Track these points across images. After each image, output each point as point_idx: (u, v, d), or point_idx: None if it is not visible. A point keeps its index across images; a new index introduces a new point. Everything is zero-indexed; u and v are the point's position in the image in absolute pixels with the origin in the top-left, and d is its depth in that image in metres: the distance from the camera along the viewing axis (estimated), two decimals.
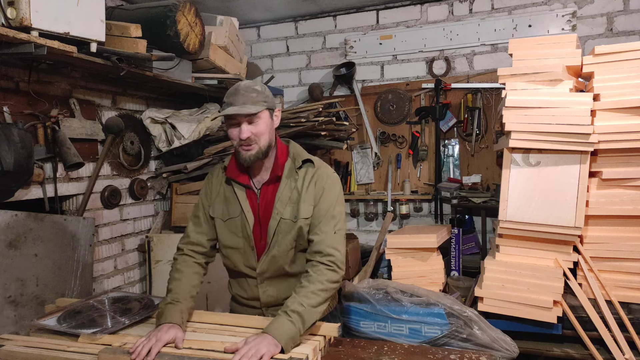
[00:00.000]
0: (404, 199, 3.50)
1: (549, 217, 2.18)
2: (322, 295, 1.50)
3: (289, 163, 1.66)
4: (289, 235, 1.61)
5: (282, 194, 1.62)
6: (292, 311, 1.44)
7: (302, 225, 1.60)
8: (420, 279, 2.66)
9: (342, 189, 1.71)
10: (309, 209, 1.61)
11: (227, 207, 1.68)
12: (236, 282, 1.77)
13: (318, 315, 1.50)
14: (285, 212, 1.61)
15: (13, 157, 1.95)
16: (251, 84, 1.58)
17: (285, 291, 1.63)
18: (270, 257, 1.64)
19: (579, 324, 2.15)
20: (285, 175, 1.64)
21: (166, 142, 3.07)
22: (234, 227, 1.67)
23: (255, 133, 1.55)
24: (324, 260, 1.55)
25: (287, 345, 1.39)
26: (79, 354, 1.43)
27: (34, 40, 1.82)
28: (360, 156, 3.67)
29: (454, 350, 1.61)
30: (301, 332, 1.44)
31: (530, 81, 2.25)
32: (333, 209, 1.62)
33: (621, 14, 3.09)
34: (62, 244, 2.34)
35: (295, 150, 1.69)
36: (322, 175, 1.65)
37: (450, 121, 3.42)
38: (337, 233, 1.60)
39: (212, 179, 1.77)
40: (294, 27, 3.84)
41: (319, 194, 1.62)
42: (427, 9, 3.49)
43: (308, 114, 2.99)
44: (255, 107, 1.52)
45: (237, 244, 1.67)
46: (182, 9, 2.58)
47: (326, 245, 1.56)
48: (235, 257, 1.69)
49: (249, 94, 1.54)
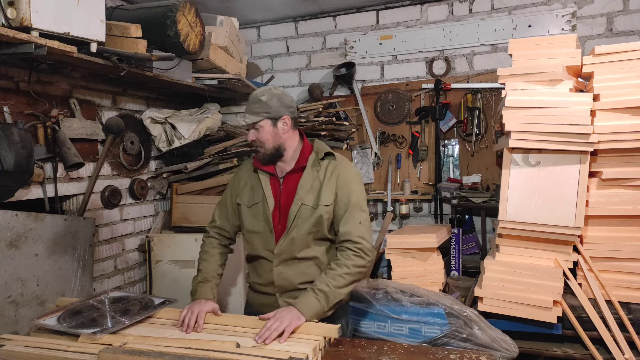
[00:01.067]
0: (404, 199, 3.50)
1: (548, 217, 2.18)
2: (347, 278, 1.67)
3: (313, 156, 1.82)
4: (309, 220, 1.74)
5: (304, 182, 1.77)
6: (319, 290, 1.63)
7: (322, 213, 1.73)
8: (420, 279, 2.66)
9: (363, 184, 1.88)
10: (330, 197, 1.75)
11: (253, 194, 1.85)
12: (253, 269, 1.90)
13: (342, 296, 1.67)
14: (307, 198, 1.75)
15: (13, 157, 1.96)
16: (259, 94, 1.76)
17: (297, 276, 1.78)
18: (289, 240, 1.76)
19: (578, 324, 2.15)
20: (309, 165, 1.79)
21: (166, 142, 3.07)
22: (257, 211, 1.82)
23: (259, 139, 1.75)
24: (352, 247, 1.70)
25: (311, 318, 1.57)
26: (79, 354, 1.43)
27: (34, 41, 1.82)
28: (360, 156, 3.67)
29: (454, 350, 1.61)
30: (325, 309, 1.63)
31: (530, 81, 2.25)
32: (357, 201, 1.76)
33: (621, 14, 3.09)
34: (63, 244, 2.34)
35: (319, 146, 1.87)
36: (344, 168, 1.80)
37: (450, 121, 3.42)
38: (362, 224, 1.74)
39: (240, 172, 1.96)
40: (294, 27, 3.84)
41: (341, 186, 1.76)
42: (427, 9, 3.49)
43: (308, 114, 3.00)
44: (253, 117, 1.72)
45: (258, 227, 1.81)
46: (182, 9, 2.58)
47: (354, 235, 1.71)
48: (256, 240, 1.83)
49: (253, 105, 1.74)
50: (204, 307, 1.68)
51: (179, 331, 1.60)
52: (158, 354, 1.37)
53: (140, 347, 1.44)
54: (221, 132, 3.32)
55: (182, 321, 1.63)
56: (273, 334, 1.48)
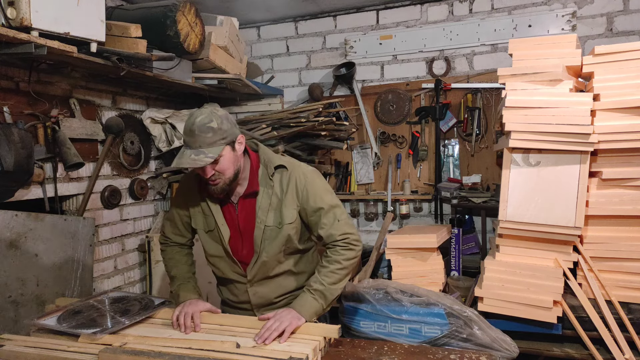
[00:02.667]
0: (404, 199, 3.50)
1: (548, 217, 2.17)
2: (340, 273, 1.65)
3: (262, 170, 1.68)
4: (276, 240, 1.67)
5: (261, 203, 1.67)
6: (315, 290, 1.62)
7: (288, 232, 1.67)
8: (420, 279, 2.66)
9: (323, 178, 1.76)
10: (293, 213, 1.66)
11: (205, 220, 1.74)
12: (225, 288, 1.84)
13: (338, 291, 1.67)
14: (269, 219, 1.66)
15: (13, 157, 1.95)
16: (206, 120, 1.50)
17: (274, 291, 1.75)
18: (261, 263, 1.70)
19: (579, 324, 2.15)
20: (261, 185, 1.67)
21: (166, 142, 3.07)
22: (215, 237, 1.74)
23: (219, 170, 1.55)
24: (340, 243, 1.66)
25: (310, 318, 1.57)
26: (79, 354, 1.43)
27: (34, 41, 1.82)
28: (360, 156, 3.67)
29: (454, 350, 1.61)
30: (323, 307, 1.63)
31: (530, 81, 2.25)
32: (325, 202, 1.66)
33: (621, 14, 3.09)
34: (63, 244, 2.34)
35: (265, 157, 1.70)
36: (298, 176, 1.67)
37: (450, 121, 3.42)
38: (340, 220, 1.67)
39: (184, 191, 1.79)
40: (294, 27, 3.84)
41: (302, 195, 1.66)
42: (427, 9, 3.49)
43: (308, 114, 3.00)
44: (213, 150, 1.50)
45: (220, 252, 1.75)
46: (182, 9, 2.58)
47: (337, 235, 1.66)
48: (222, 264, 1.77)
49: (204, 135, 1.49)
50: (197, 307, 1.65)
51: (179, 331, 1.60)
52: (158, 354, 1.37)
53: (140, 347, 1.44)
54: None
55: (177, 323, 1.60)
56: (273, 334, 1.48)
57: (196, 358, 1.36)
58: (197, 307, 1.65)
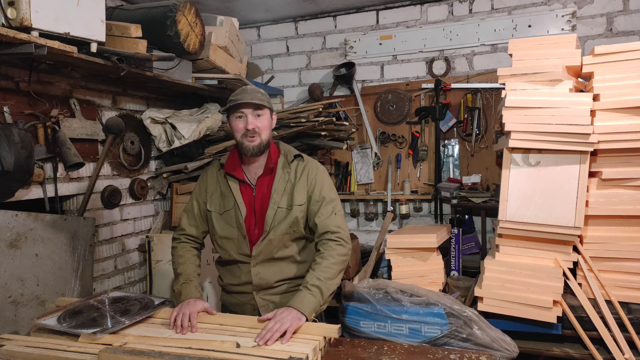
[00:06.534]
0: (404, 199, 3.50)
1: (548, 217, 2.18)
2: (335, 267, 1.70)
3: (282, 159, 1.86)
4: (285, 222, 1.78)
5: (277, 185, 1.81)
6: (312, 285, 1.64)
7: (296, 214, 1.78)
8: (420, 279, 2.66)
9: (329, 177, 1.93)
10: (302, 197, 1.80)
11: (223, 201, 1.85)
12: (227, 272, 1.91)
13: (334, 286, 1.70)
14: (282, 201, 1.80)
15: (13, 157, 1.96)
16: (257, 88, 1.80)
17: (275, 275, 1.81)
18: (267, 241, 1.79)
19: (578, 324, 2.16)
20: (279, 168, 1.83)
21: (166, 142, 3.07)
22: (229, 218, 1.83)
23: (259, 126, 1.74)
24: (332, 237, 1.74)
25: (310, 314, 1.58)
26: (79, 354, 1.43)
27: (34, 41, 1.82)
28: (360, 156, 3.68)
29: (454, 350, 1.61)
30: (321, 303, 1.64)
31: (530, 81, 2.25)
32: (328, 194, 1.81)
33: (621, 14, 3.09)
34: (63, 244, 2.34)
35: (285, 149, 1.91)
36: (311, 167, 1.86)
37: (450, 121, 3.42)
38: (337, 214, 1.80)
39: (207, 177, 1.93)
40: (294, 27, 3.84)
41: (311, 183, 1.81)
42: (427, 9, 3.49)
43: (308, 114, 3.00)
44: (261, 101, 1.74)
45: (231, 234, 1.82)
46: (182, 9, 2.58)
47: (331, 225, 1.75)
48: (229, 246, 1.84)
49: (256, 94, 1.76)
50: (194, 307, 1.67)
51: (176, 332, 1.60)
52: (158, 354, 1.37)
53: (140, 347, 1.44)
54: (221, 132, 3.31)
55: (175, 323, 1.62)
56: (275, 335, 1.48)
57: (196, 358, 1.36)
58: (195, 307, 1.67)
